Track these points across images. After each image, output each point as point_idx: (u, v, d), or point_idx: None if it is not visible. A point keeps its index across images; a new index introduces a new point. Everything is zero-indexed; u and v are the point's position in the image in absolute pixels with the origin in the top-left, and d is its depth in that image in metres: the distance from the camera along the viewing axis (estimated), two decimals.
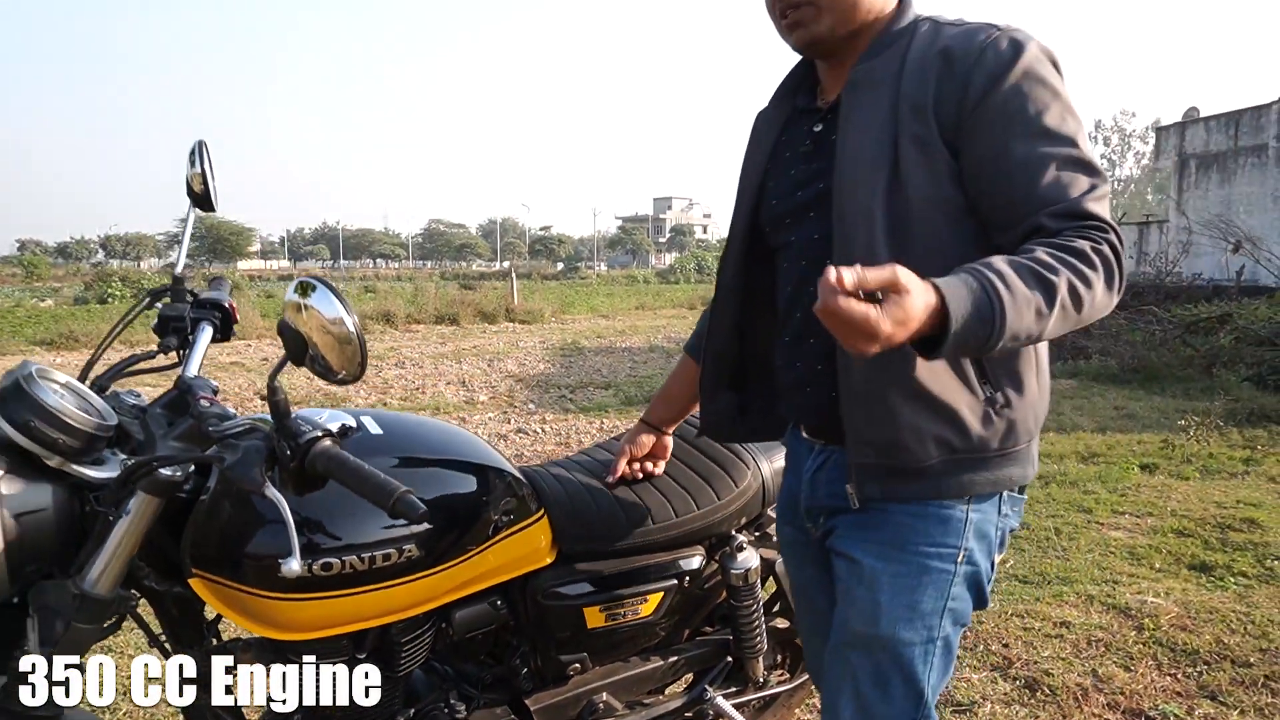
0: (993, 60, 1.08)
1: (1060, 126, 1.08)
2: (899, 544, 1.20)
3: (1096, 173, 1.08)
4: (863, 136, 1.14)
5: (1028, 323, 0.96)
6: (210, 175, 1.45)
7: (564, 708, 1.62)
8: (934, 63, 1.11)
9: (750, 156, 1.38)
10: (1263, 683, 2.52)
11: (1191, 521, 4.25)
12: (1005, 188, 1.08)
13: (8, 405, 1.04)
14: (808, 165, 1.27)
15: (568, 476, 1.63)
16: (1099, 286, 1.01)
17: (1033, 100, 1.07)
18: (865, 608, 1.21)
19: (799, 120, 1.32)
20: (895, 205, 1.11)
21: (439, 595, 1.37)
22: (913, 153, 1.11)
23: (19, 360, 4.54)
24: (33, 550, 1.06)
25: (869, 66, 1.17)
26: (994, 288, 0.93)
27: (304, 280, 1.02)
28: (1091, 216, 1.04)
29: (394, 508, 0.99)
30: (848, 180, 1.15)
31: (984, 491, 1.19)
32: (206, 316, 1.43)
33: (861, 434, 1.16)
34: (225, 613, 1.22)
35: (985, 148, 1.09)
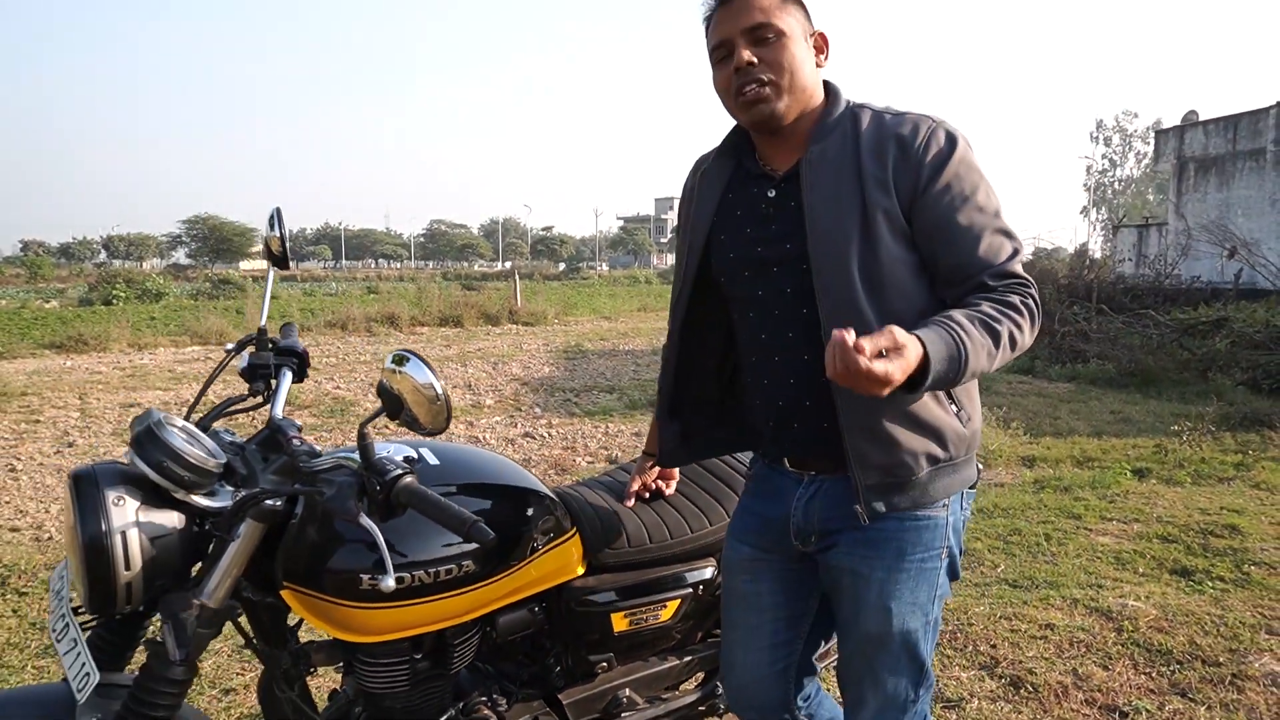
0: (936, 151, 1.37)
1: (987, 203, 1.38)
2: (899, 555, 1.45)
3: (1015, 238, 1.40)
4: (832, 206, 1.38)
5: (982, 362, 1.26)
6: (286, 238, 1.66)
7: (592, 702, 1.82)
8: (889, 147, 1.37)
9: (698, 209, 1.57)
10: (1230, 680, 2.72)
11: (1176, 528, 4.45)
12: (952, 251, 1.37)
13: (144, 449, 1.25)
14: (767, 227, 1.47)
15: (595, 496, 1.84)
16: (1027, 329, 1.33)
17: (968, 183, 1.37)
18: (877, 612, 1.46)
19: (747, 183, 1.52)
20: (868, 263, 1.36)
21: (488, 604, 1.57)
22: (882, 222, 1.36)
23: (31, 363, 4.75)
24: (163, 568, 1.27)
25: (823, 147, 1.41)
26: (960, 338, 1.22)
27: (400, 353, 1.22)
28: (1017, 276, 1.37)
29: (469, 535, 1.20)
30: (823, 243, 1.38)
31: (955, 490, 1.47)
32: (286, 362, 1.63)
33: (867, 459, 1.39)
34: (309, 619, 1.42)
35: (935, 218, 1.37)
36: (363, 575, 1.37)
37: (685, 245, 1.60)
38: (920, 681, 1.52)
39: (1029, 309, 1.34)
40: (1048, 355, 11.46)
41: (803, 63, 1.41)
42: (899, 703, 1.51)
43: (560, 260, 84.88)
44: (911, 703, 1.52)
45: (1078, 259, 16.65)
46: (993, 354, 1.26)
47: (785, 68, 1.38)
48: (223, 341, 14.27)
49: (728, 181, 1.54)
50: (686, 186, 1.66)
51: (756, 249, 1.48)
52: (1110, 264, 19.27)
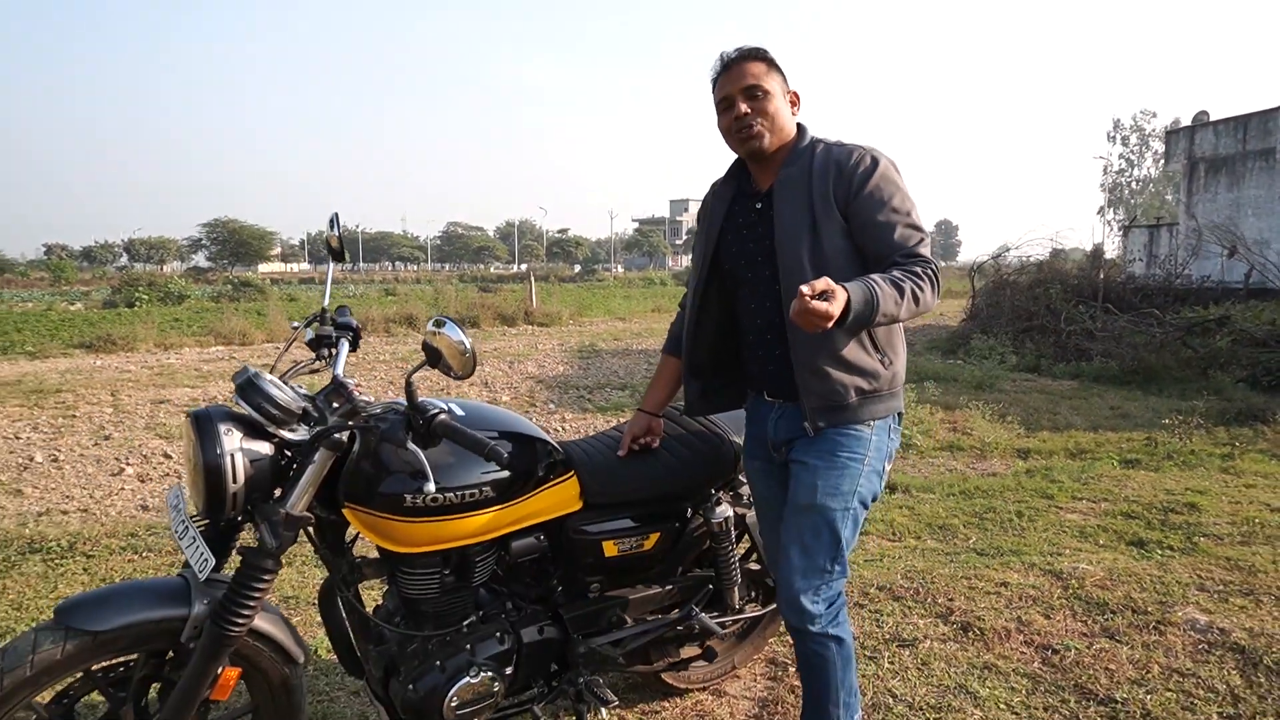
0: (863, 170, 1.91)
1: (901, 206, 1.90)
2: (830, 452, 1.97)
3: (922, 230, 1.91)
4: (791, 217, 1.92)
5: (889, 306, 1.71)
6: (342, 238, 2.07)
7: (589, 618, 2.23)
8: (831, 169, 1.91)
9: (711, 219, 2.14)
10: (1154, 626, 3.09)
11: (1140, 506, 4.79)
12: (875, 241, 1.89)
13: (246, 394, 1.67)
14: (753, 230, 2.05)
15: (592, 447, 2.25)
16: (928, 290, 1.79)
17: (886, 192, 1.90)
18: (808, 489, 1.98)
19: (744, 199, 2.10)
20: (815, 253, 1.90)
21: (501, 527, 1.98)
22: (827, 224, 1.88)
23: (63, 362, 5.38)
24: (258, 484, 1.69)
25: (789, 172, 1.95)
26: (873, 287, 1.70)
27: (439, 318, 1.65)
28: (920, 256, 1.86)
29: (488, 455, 1.62)
30: (786, 241, 1.91)
31: (880, 416, 1.99)
32: (343, 334, 2.04)
33: (810, 389, 1.93)
34: (363, 531, 1.83)
35: (862, 218, 1.90)
36: (406, 495, 1.78)
37: (701, 245, 2.15)
38: (835, 557, 2.00)
39: (928, 276, 1.81)
40: (1053, 354, 11.71)
41: (781, 111, 1.98)
42: (816, 568, 1.99)
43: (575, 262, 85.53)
44: (825, 573, 2.00)
45: (1092, 259, 16.84)
46: (898, 302, 1.72)
47: (770, 115, 1.96)
48: (246, 341, 14.85)
49: (731, 198, 2.11)
50: (704, 202, 2.22)
51: (749, 244, 2.04)
52: (1122, 264, 19.44)
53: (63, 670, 1.61)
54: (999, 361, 11.64)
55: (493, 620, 2.11)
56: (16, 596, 3.46)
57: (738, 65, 1.96)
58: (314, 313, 2.05)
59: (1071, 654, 2.89)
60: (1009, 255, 15.99)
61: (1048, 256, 15.82)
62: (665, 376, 2.33)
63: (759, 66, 1.96)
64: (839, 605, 2.05)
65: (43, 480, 5.46)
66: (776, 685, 2.72)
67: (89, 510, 4.84)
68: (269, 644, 1.82)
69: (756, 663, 2.86)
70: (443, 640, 2.00)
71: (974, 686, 2.69)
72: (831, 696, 2.06)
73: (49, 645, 1.58)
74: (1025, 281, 14.40)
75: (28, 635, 1.60)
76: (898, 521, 4.56)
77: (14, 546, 4.05)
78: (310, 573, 3.70)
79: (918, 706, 2.59)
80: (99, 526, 4.44)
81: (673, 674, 2.56)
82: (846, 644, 2.06)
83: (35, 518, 4.64)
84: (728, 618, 2.48)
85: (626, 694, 2.65)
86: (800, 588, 1.98)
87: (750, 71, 1.95)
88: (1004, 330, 13.17)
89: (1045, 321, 12.86)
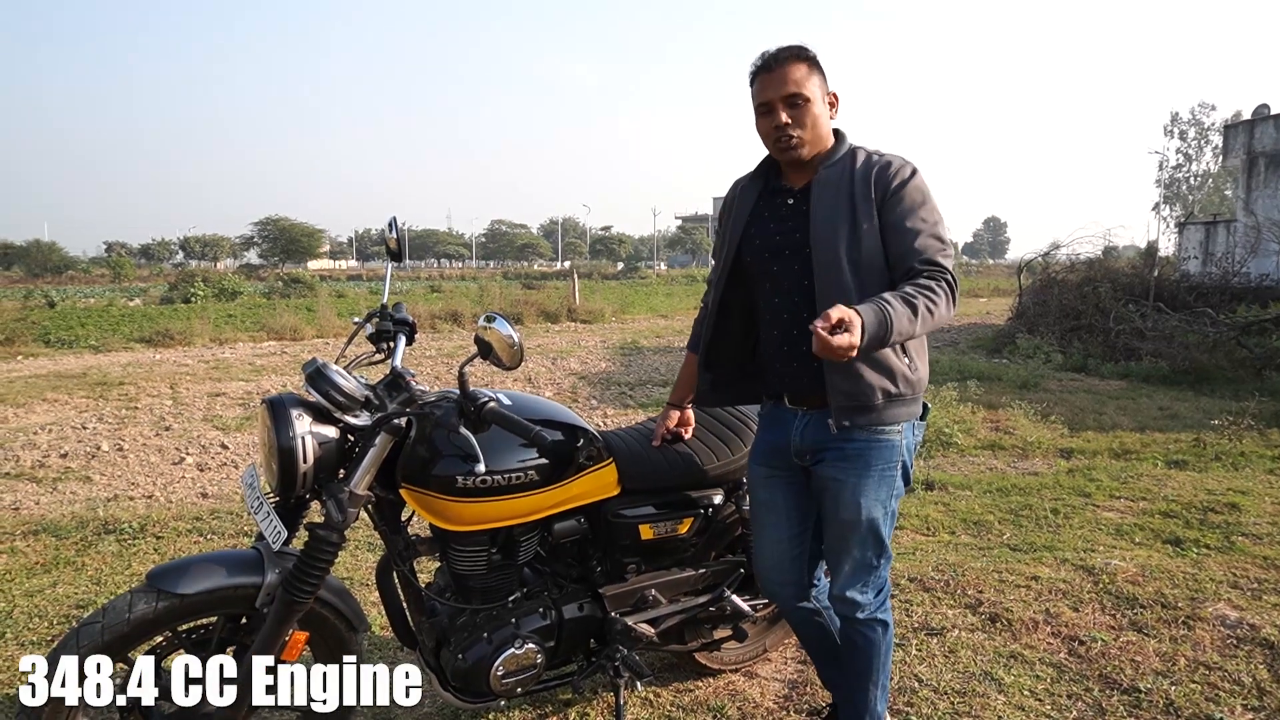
0: (899, 179, 1.96)
1: (928, 216, 1.94)
2: (867, 466, 2.02)
3: (945, 242, 1.94)
4: (830, 212, 1.96)
5: (905, 326, 1.75)
6: (401, 240, 2.24)
7: (626, 597, 2.36)
8: (874, 172, 1.97)
9: (736, 213, 2.15)
10: (1182, 620, 3.13)
11: (1180, 505, 4.78)
12: (898, 243, 1.92)
13: (315, 382, 1.84)
14: (784, 224, 2.06)
15: (629, 436, 2.39)
16: (942, 303, 1.82)
17: (915, 201, 1.95)
18: (850, 506, 2.03)
19: (772, 195, 2.11)
20: (854, 253, 1.94)
21: (544, 509, 2.12)
22: (866, 225, 1.94)
23: (124, 356, 5.75)
24: (325, 464, 1.86)
25: (828, 172, 1.99)
26: (886, 309, 1.73)
27: (489, 314, 1.79)
28: (938, 265, 1.88)
29: (533, 440, 1.77)
30: (822, 237, 1.96)
31: (906, 419, 2.03)
32: (401, 329, 2.21)
33: (838, 388, 1.96)
34: (418, 510, 1.99)
35: (891, 219, 1.94)
36: (457, 476, 1.93)
37: (724, 240, 2.18)
38: (881, 554, 2.10)
39: (943, 289, 1.84)
40: (1101, 353, 11.55)
41: (821, 118, 1.99)
42: (866, 567, 2.10)
43: (618, 259, 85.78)
44: (875, 569, 2.11)
45: (1145, 256, 16.49)
46: (912, 320, 1.76)
47: (809, 125, 1.97)
48: (297, 337, 15.31)
49: (758, 195, 2.12)
50: (726, 199, 2.23)
51: (776, 238, 2.06)
52: (1176, 262, 18.98)
53: (154, 628, 1.79)
54: (1044, 361, 11.53)
55: (536, 597, 2.26)
56: (95, 572, 3.72)
57: (780, 68, 1.94)
58: (373, 309, 2.22)
59: (1098, 645, 2.95)
60: (1058, 253, 15.80)
61: (1099, 254, 15.57)
62: (689, 372, 2.41)
63: (800, 69, 1.94)
64: (886, 591, 2.17)
65: (109, 468, 5.77)
66: (806, 668, 2.83)
67: (153, 496, 5.11)
68: (333, 612, 1.99)
69: (787, 646, 2.97)
70: (490, 614, 2.16)
71: (999, 674, 2.77)
72: (873, 677, 2.19)
73: (143, 605, 1.76)
74: (1074, 280, 14.19)
75: (125, 596, 1.79)
76: (932, 517, 4.62)
77: (89, 528, 4.32)
78: (364, 556, 3.89)
79: (943, 691, 2.68)
80: (165, 511, 4.70)
81: (706, 654, 2.68)
82: (890, 628, 2.18)
83: (104, 503, 4.92)
84: (759, 601, 2.60)
85: (662, 673, 2.78)
86: (850, 585, 2.10)
87: (791, 77, 1.93)
88: (1050, 329, 13.02)
89: (1094, 320, 12.68)
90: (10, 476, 5.53)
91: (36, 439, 6.62)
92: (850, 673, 2.22)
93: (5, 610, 3.29)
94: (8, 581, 3.59)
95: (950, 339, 15.21)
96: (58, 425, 7.18)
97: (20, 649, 2.98)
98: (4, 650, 2.97)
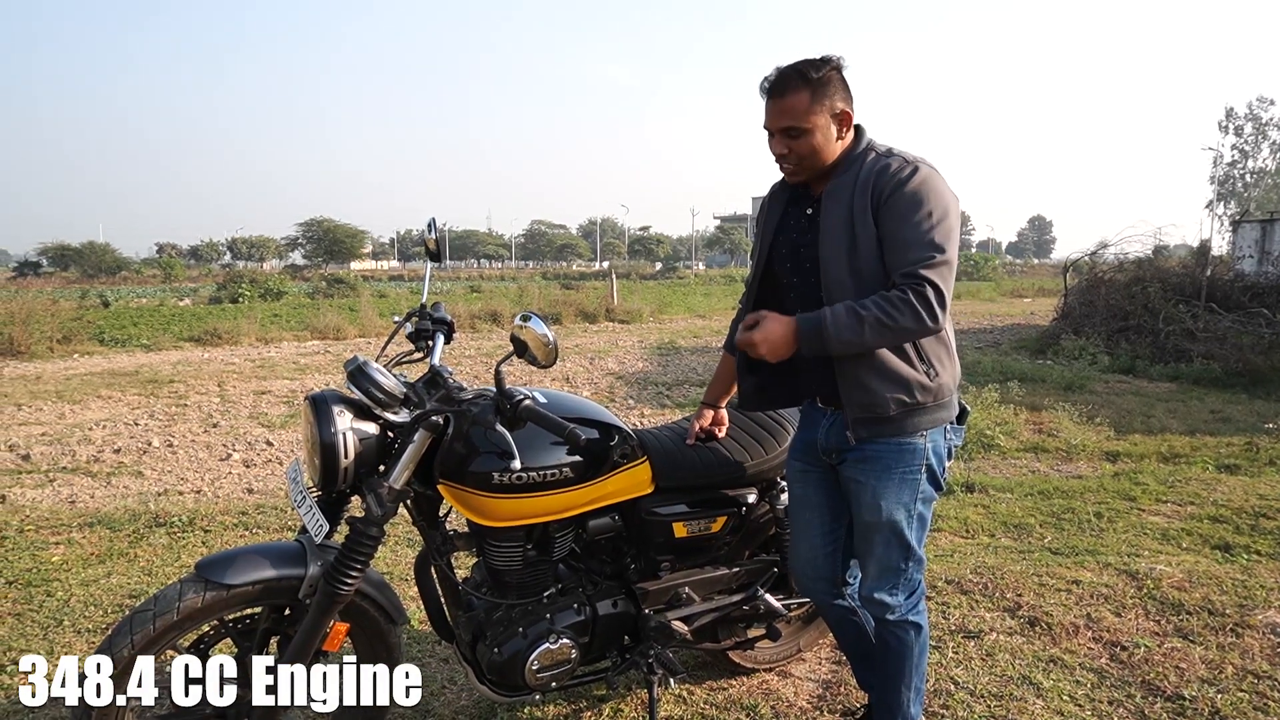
0: (898, 180, 1.87)
1: (923, 221, 1.83)
2: (886, 470, 2.01)
3: (936, 248, 1.82)
4: (835, 222, 1.94)
5: (847, 335, 1.80)
6: (440, 240, 2.28)
7: (660, 594, 2.38)
8: (874, 178, 1.91)
9: (767, 220, 2.17)
10: (1230, 628, 3.05)
11: (1230, 510, 4.66)
12: (891, 252, 1.87)
13: (357, 380, 1.89)
14: (803, 235, 2.07)
15: (664, 435, 2.40)
16: (904, 316, 1.79)
17: (913, 205, 1.85)
18: (870, 507, 2.03)
19: (798, 203, 2.11)
20: (854, 265, 1.92)
21: (579, 505, 2.15)
22: (864, 235, 1.90)
23: (174, 354, 5.98)
24: (365, 460, 1.91)
25: (836, 184, 1.96)
26: (825, 319, 1.81)
27: (525, 313, 1.82)
28: (918, 277, 1.80)
29: (567, 438, 1.80)
30: (829, 253, 1.95)
31: (929, 427, 1.99)
32: (440, 328, 2.25)
33: (852, 399, 1.95)
34: (455, 505, 2.03)
35: (887, 229, 1.88)
36: (494, 473, 1.96)
37: (758, 245, 2.20)
38: (908, 557, 2.08)
39: (910, 302, 1.78)
40: (1149, 355, 11.30)
41: (823, 144, 1.94)
42: (892, 569, 2.09)
43: (657, 259, 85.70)
44: (901, 571, 2.09)
45: (1197, 255, 16.05)
46: (857, 330, 1.79)
47: (808, 153, 1.95)
48: (339, 336, 15.59)
49: (787, 202, 2.14)
50: (762, 204, 2.26)
51: (799, 249, 2.07)
52: (1230, 261, 18.46)
53: (202, 617, 1.85)
54: (1090, 362, 11.31)
55: (571, 593, 2.29)
56: (146, 563, 3.84)
57: (780, 99, 1.91)
58: (413, 309, 2.26)
59: (1141, 651, 2.90)
60: (1106, 252, 15.46)
61: (1149, 253, 15.20)
62: (725, 372, 2.42)
63: (802, 99, 1.89)
64: (919, 594, 2.16)
65: (160, 463, 5.94)
66: (841, 668, 2.82)
67: (201, 492, 5.25)
68: (373, 604, 2.04)
69: (821, 647, 2.96)
70: (525, 609, 2.19)
71: (1037, 678, 2.74)
72: (905, 679, 2.18)
73: (192, 594, 1.82)
74: (1122, 279, 13.87)
75: (174, 586, 1.85)
76: (971, 519, 4.57)
77: (141, 521, 4.46)
78: (402, 552, 3.96)
79: (979, 694, 2.65)
80: (213, 505, 4.83)
81: (740, 653, 2.69)
82: (924, 631, 2.17)
83: (155, 497, 5.07)
84: (793, 600, 2.60)
85: (696, 671, 2.79)
86: (877, 587, 2.10)
87: (788, 109, 1.90)
88: (1097, 330, 12.76)
89: (1142, 321, 12.39)
90: (67, 471, 5.72)
91: (91, 435, 6.84)
92: (883, 673, 2.22)
93: (63, 599, 3.41)
94: (65, 571, 3.73)
95: (993, 340, 14.98)
96: (111, 422, 7.41)
97: (77, 636, 3.09)
98: (61, 637, 3.08)
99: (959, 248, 1.90)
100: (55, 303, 16.41)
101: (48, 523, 4.46)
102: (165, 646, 1.83)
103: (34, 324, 12.98)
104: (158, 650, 1.82)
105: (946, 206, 1.86)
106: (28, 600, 3.41)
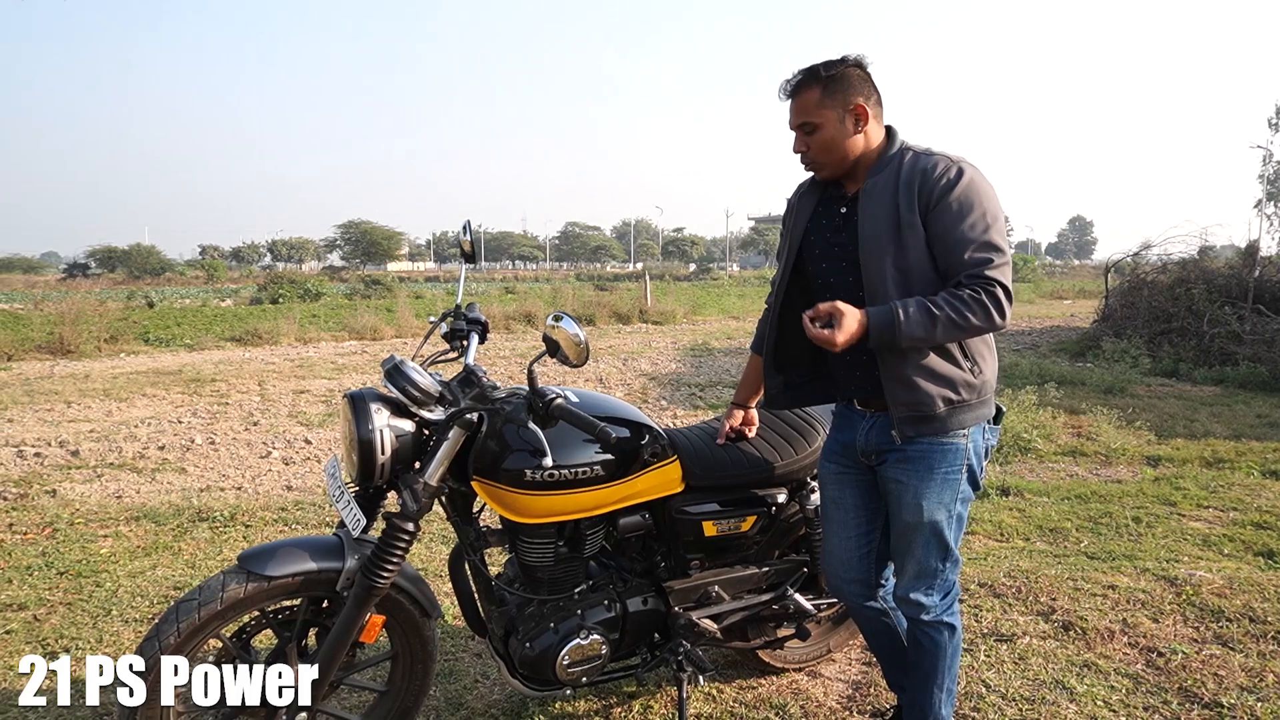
0: (946, 181, 1.89)
1: (979, 222, 1.87)
2: (929, 470, 2.01)
3: (996, 249, 1.86)
4: (876, 225, 1.94)
5: (918, 333, 1.82)
6: (475, 242, 2.32)
7: (690, 592, 2.40)
8: (918, 179, 1.92)
9: (797, 218, 2.17)
10: (1272, 636, 3.00)
11: (1275, 516, 4.56)
12: (945, 255, 1.89)
13: (394, 378, 1.94)
14: (838, 234, 2.07)
15: (694, 434, 2.42)
16: (976, 315, 1.82)
17: (965, 206, 1.88)
18: (912, 508, 2.04)
19: (830, 202, 2.11)
20: (899, 264, 1.92)
21: (609, 503, 2.18)
22: (910, 235, 1.90)
23: (216, 354, 6.13)
24: (402, 456, 1.96)
25: (875, 181, 1.97)
26: (897, 313, 1.82)
27: (557, 313, 1.85)
28: (984, 277, 1.84)
29: (598, 436, 1.83)
30: (869, 250, 1.95)
31: (972, 424, 2.00)
32: (474, 329, 2.29)
33: (898, 398, 1.95)
34: (489, 502, 2.07)
35: (937, 230, 1.89)
36: (526, 470, 2.00)
37: (786, 244, 2.21)
38: (946, 558, 2.09)
39: (982, 302, 1.82)
40: (1193, 358, 11.06)
41: (837, 140, 1.98)
42: (930, 570, 2.10)
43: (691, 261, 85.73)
44: (940, 572, 2.10)
45: (1245, 256, 15.65)
46: (928, 327, 1.81)
47: (825, 146, 1.99)
48: (376, 337, 15.80)
49: (818, 200, 2.14)
50: (790, 202, 2.24)
51: (833, 249, 2.07)
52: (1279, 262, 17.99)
53: (244, 607, 1.91)
54: (1131, 365, 11.10)
55: (601, 590, 2.32)
56: (190, 557, 3.94)
57: (792, 98, 2.00)
58: (449, 309, 2.31)
59: (1178, 658, 2.86)
60: (1149, 253, 15.14)
61: (1194, 254, 14.85)
62: (754, 372, 2.43)
63: (812, 96, 1.96)
64: (954, 595, 2.16)
65: (202, 460, 6.08)
66: (871, 669, 2.82)
67: (242, 488, 5.37)
68: (408, 598, 2.09)
69: (851, 647, 2.96)
70: (556, 605, 2.23)
71: (1071, 683, 2.71)
72: (938, 680, 2.18)
73: (234, 585, 1.88)
74: (1166, 281, 13.57)
75: (218, 577, 1.91)
76: (1006, 523, 4.52)
77: (185, 515, 4.59)
78: (436, 548, 4.03)
79: (1011, 698, 2.64)
80: (253, 501, 4.94)
81: (769, 653, 2.70)
82: (958, 632, 2.17)
83: (198, 493, 5.20)
84: (822, 601, 2.60)
85: (725, 669, 2.81)
86: (914, 587, 2.11)
87: (801, 107, 1.98)
88: (1139, 332, 12.52)
89: (1186, 323, 12.13)
90: (114, 466, 5.88)
91: (137, 432, 7.02)
92: (915, 674, 2.22)
93: (111, 590, 3.52)
94: (113, 563, 3.85)
95: (1031, 342, 14.75)
96: (156, 419, 7.60)
97: (124, 625, 3.19)
98: (110, 626, 3.18)
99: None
100: (103, 303, 16.88)
101: (96, 516, 4.61)
102: (209, 635, 1.89)
103: (83, 324, 13.34)
104: (201, 639, 1.88)
105: (996, 206, 1.91)
106: (78, 590, 3.53)
